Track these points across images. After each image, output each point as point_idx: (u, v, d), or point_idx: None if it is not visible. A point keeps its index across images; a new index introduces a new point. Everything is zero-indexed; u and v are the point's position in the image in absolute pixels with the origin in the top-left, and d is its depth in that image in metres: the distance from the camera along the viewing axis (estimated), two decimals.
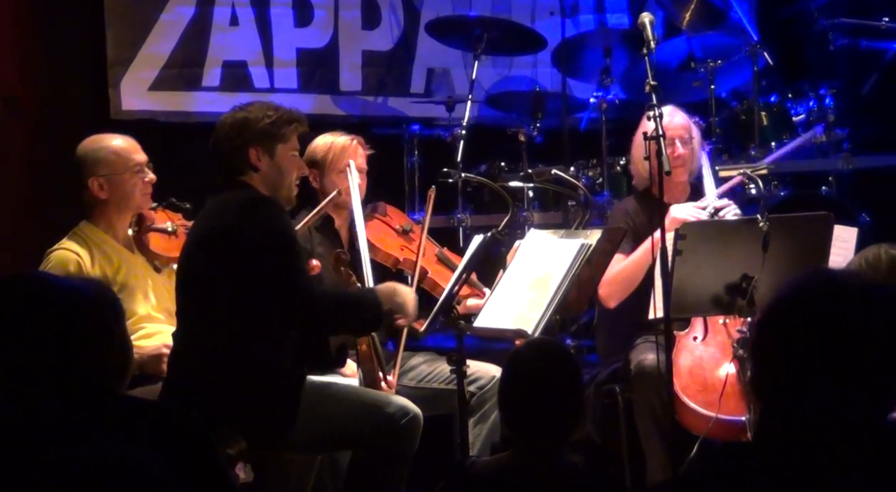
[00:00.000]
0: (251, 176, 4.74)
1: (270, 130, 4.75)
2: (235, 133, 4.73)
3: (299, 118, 4.87)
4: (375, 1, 8.48)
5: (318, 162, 5.79)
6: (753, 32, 7.69)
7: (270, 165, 4.75)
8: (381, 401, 5.07)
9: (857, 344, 2.46)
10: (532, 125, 7.72)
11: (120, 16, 7.70)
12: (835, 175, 7.71)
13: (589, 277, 5.17)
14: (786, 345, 2.51)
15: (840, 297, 2.51)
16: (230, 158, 4.74)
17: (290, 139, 4.82)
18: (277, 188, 4.78)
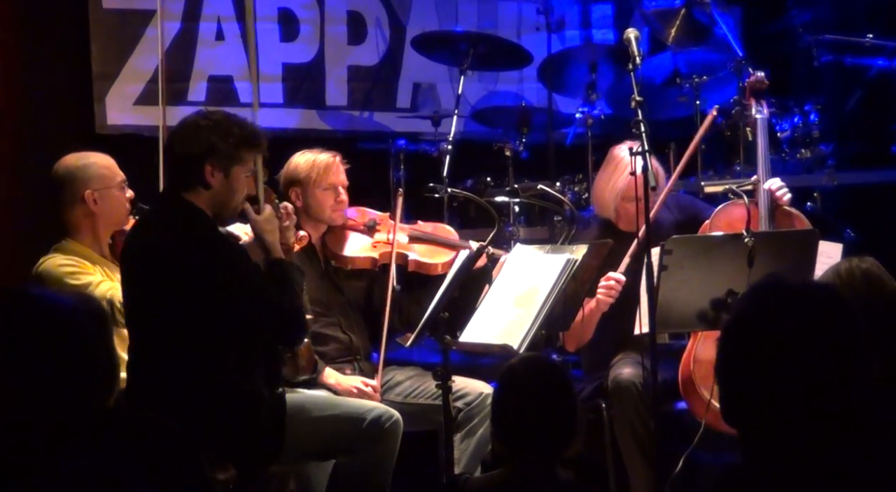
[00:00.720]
0: (198, 191, 4.60)
1: (231, 151, 4.60)
2: (194, 142, 4.59)
3: (262, 143, 4.71)
4: (361, 16, 8.49)
5: (302, 180, 5.76)
6: (738, 48, 7.70)
7: (223, 183, 4.60)
8: (363, 408, 5.13)
9: (818, 356, 2.47)
10: (518, 140, 7.72)
11: (105, 30, 7.70)
12: (819, 191, 7.72)
13: (575, 292, 5.17)
14: (748, 368, 2.52)
15: (793, 309, 2.51)
16: (183, 168, 4.61)
17: (248, 162, 4.67)
18: (223, 206, 4.65)
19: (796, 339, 2.48)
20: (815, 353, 2.48)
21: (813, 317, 2.51)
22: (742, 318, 2.56)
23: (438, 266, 5.81)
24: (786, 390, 2.47)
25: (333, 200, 5.75)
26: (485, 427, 5.53)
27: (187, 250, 4.51)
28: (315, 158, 5.80)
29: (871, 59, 7.89)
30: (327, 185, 5.75)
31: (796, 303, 2.53)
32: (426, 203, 7.20)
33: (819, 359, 2.48)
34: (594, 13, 9.14)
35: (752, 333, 2.53)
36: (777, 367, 2.48)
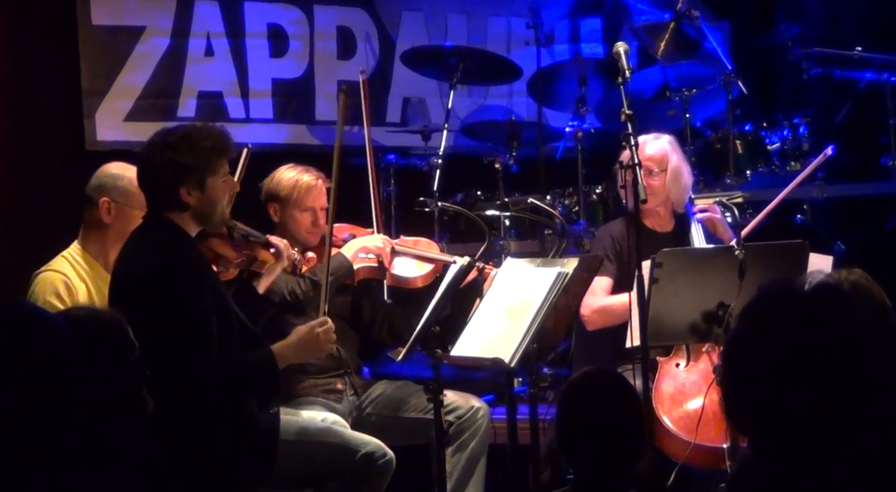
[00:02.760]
0: (177, 212, 4.55)
1: (199, 165, 4.53)
2: (164, 170, 4.53)
3: (227, 145, 4.64)
4: (351, 31, 8.50)
5: (282, 198, 5.74)
6: (727, 62, 7.73)
7: (201, 198, 4.55)
8: (358, 441, 5.13)
9: (823, 356, 2.47)
10: (508, 154, 7.73)
11: (95, 47, 7.69)
12: (809, 203, 7.75)
13: (566, 305, 5.17)
14: (754, 370, 2.52)
15: (800, 310, 2.52)
16: (158, 194, 4.57)
17: (221, 169, 4.60)
18: (209, 217, 4.62)
19: (805, 346, 2.49)
20: (824, 359, 2.48)
21: (821, 323, 2.51)
22: (750, 325, 2.56)
23: (418, 280, 5.79)
24: (794, 396, 2.48)
25: (311, 222, 5.72)
26: (476, 441, 5.53)
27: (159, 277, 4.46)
28: (299, 178, 5.76)
29: (859, 73, 7.92)
30: (306, 207, 5.73)
31: (806, 309, 2.53)
32: (416, 217, 7.20)
33: (828, 365, 2.48)
34: (583, 27, 9.16)
35: (759, 341, 2.53)
36: (786, 374, 2.49)
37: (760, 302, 2.59)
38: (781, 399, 2.50)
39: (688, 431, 5.32)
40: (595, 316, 5.83)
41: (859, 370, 2.50)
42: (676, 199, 5.99)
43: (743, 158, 7.72)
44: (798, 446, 2.49)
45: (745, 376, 2.55)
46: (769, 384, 2.51)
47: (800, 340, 2.50)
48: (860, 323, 2.54)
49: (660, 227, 6.02)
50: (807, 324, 2.51)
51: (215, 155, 4.58)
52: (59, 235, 5.49)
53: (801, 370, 2.49)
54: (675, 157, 6.01)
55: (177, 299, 4.44)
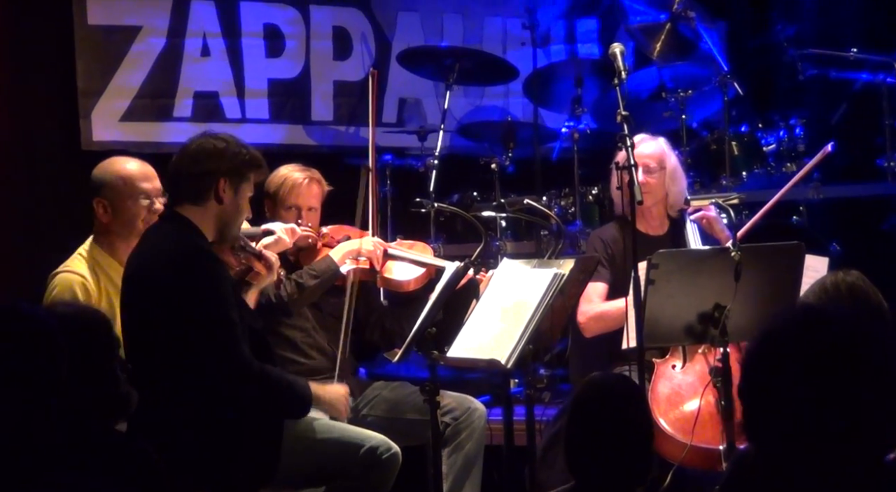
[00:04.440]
0: (206, 208, 4.59)
1: (242, 167, 4.65)
2: (209, 159, 4.61)
3: (263, 164, 4.79)
4: (347, 31, 8.50)
5: (271, 195, 5.75)
6: (723, 63, 7.73)
7: (232, 201, 4.62)
8: (363, 436, 5.15)
9: (844, 377, 2.47)
10: (504, 155, 7.73)
11: (91, 46, 7.69)
12: (805, 204, 7.75)
13: (562, 306, 5.16)
14: (772, 385, 2.51)
15: (821, 329, 2.51)
16: (196, 181, 4.60)
17: (252, 183, 4.73)
18: (228, 225, 4.66)
19: (830, 362, 2.49)
20: (845, 377, 2.49)
21: (849, 341, 2.51)
22: (775, 338, 2.56)
23: (409, 283, 5.79)
24: (812, 411, 2.48)
25: (294, 220, 5.72)
26: (473, 442, 5.53)
27: (179, 271, 4.49)
28: (287, 175, 5.77)
29: (855, 73, 7.93)
30: (290, 204, 5.73)
31: (833, 327, 2.53)
32: (413, 218, 7.20)
33: (849, 383, 2.48)
34: (579, 28, 9.16)
35: (784, 355, 2.53)
36: (807, 388, 2.48)
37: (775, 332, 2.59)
38: (796, 410, 2.50)
39: (684, 432, 5.32)
40: (592, 323, 5.83)
41: (884, 396, 2.50)
42: (673, 200, 5.99)
43: (739, 159, 7.73)
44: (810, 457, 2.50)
45: (766, 379, 2.55)
46: (790, 398, 2.50)
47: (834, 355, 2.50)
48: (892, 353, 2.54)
49: (653, 230, 6.02)
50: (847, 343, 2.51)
51: (252, 167, 4.69)
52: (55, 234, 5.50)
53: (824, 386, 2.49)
54: (672, 157, 6.03)
55: (207, 287, 4.48)
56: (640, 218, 5.94)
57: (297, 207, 5.73)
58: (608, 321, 5.74)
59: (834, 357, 2.48)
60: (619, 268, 5.76)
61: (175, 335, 4.44)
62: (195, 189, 4.62)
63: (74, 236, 5.34)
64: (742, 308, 5.00)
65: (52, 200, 7.42)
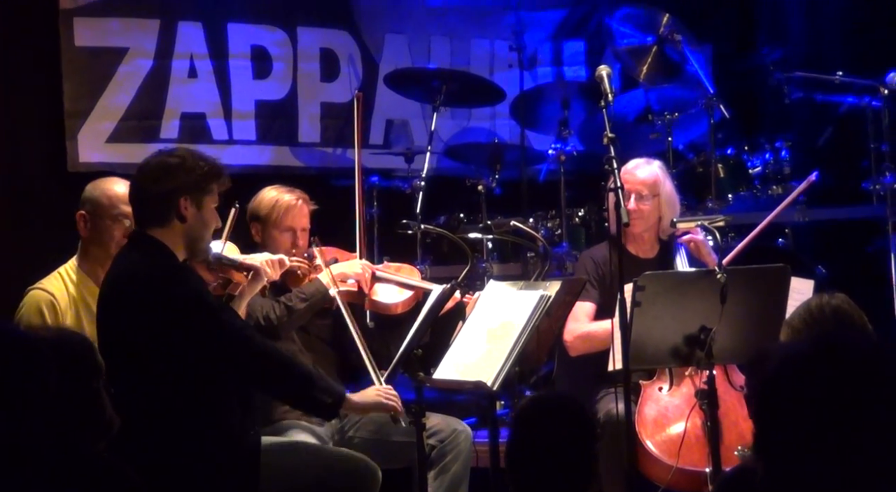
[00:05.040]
0: (171, 228, 4.57)
1: (201, 181, 4.61)
2: (167, 177, 4.57)
3: (224, 173, 4.73)
4: (334, 53, 8.51)
5: (262, 218, 5.75)
6: (710, 85, 7.75)
7: (196, 216, 4.59)
8: (344, 457, 5.11)
9: (864, 408, 2.48)
10: (491, 177, 7.74)
11: (78, 67, 7.68)
12: (791, 227, 7.77)
13: (548, 328, 5.17)
14: (792, 409, 2.52)
15: (846, 360, 2.52)
16: (157, 202, 4.57)
17: (215, 193, 4.68)
18: (197, 241, 4.64)
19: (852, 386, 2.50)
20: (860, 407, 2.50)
21: (871, 366, 2.52)
22: (797, 365, 2.57)
23: (397, 306, 5.79)
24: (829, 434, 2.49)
25: (290, 242, 5.73)
26: (459, 464, 5.52)
27: (157, 283, 4.49)
28: (279, 197, 5.77)
29: (841, 96, 7.94)
30: (285, 227, 5.74)
31: (853, 352, 2.54)
32: (399, 240, 7.20)
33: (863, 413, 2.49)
34: (566, 50, 9.18)
35: (797, 387, 2.54)
36: (829, 412, 2.50)
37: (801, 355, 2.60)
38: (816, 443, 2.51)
39: (670, 454, 5.32)
40: (578, 342, 5.83)
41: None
42: (665, 225, 6.00)
43: (725, 181, 7.74)
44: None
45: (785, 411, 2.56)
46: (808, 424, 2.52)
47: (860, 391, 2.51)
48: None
49: (643, 253, 6.03)
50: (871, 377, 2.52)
51: (213, 178, 4.65)
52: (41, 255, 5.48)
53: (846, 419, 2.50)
54: (667, 183, 6.03)
55: (185, 296, 4.49)
56: (631, 240, 5.96)
57: (292, 229, 5.74)
58: (594, 341, 5.74)
59: (856, 380, 2.49)
60: (609, 288, 5.76)
61: (157, 352, 4.43)
62: (157, 210, 4.59)
63: (60, 258, 5.34)
64: (728, 330, 5.00)
65: (38, 221, 7.40)
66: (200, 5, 8.12)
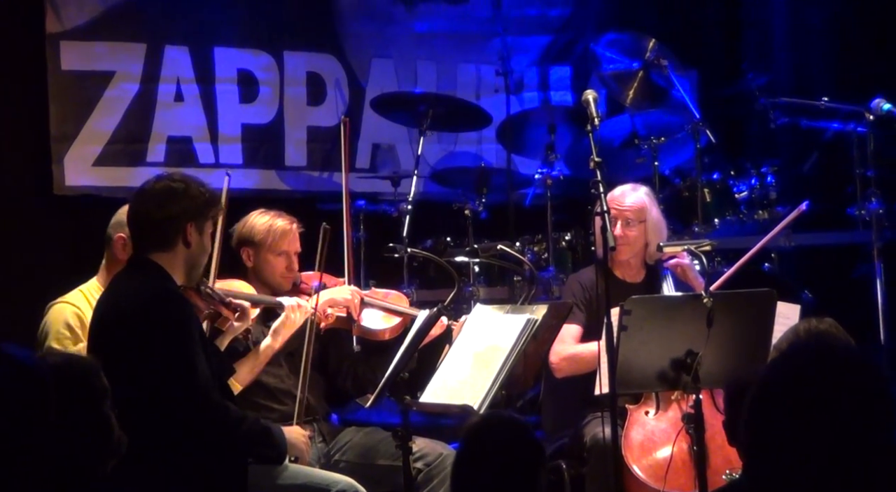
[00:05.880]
0: (174, 253, 4.59)
1: (204, 208, 4.65)
2: (173, 203, 4.59)
3: (218, 199, 4.79)
4: (320, 77, 8.52)
5: (256, 242, 5.74)
6: (695, 110, 7.78)
7: (198, 242, 4.63)
8: (329, 480, 5.12)
9: (853, 413, 2.49)
10: (477, 201, 7.75)
11: (64, 91, 7.68)
12: (777, 252, 7.79)
13: (535, 352, 5.17)
14: (783, 413, 2.53)
15: (838, 366, 2.53)
16: (162, 226, 4.58)
17: (214, 219, 4.75)
18: (195, 266, 4.67)
19: (834, 401, 2.51)
20: (850, 415, 2.51)
21: (852, 380, 2.53)
22: (781, 376, 2.58)
23: (385, 332, 5.78)
24: (816, 446, 2.50)
25: (285, 266, 5.74)
26: (445, 488, 5.50)
27: (147, 313, 4.49)
28: (273, 222, 5.77)
29: (826, 122, 7.97)
30: (281, 251, 5.74)
31: (837, 365, 2.55)
32: (386, 264, 7.19)
33: (853, 421, 2.50)
34: (552, 75, 9.21)
35: (789, 392, 2.55)
36: (811, 425, 2.51)
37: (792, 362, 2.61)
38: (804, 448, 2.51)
39: (656, 479, 5.32)
40: (564, 364, 5.83)
41: (882, 438, 2.52)
42: (652, 250, 6.00)
43: (711, 206, 7.76)
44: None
45: (772, 415, 2.56)
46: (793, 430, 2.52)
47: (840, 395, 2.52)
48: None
49: (630, 277, 6.04)
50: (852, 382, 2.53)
51: (212, 205, 4.70)
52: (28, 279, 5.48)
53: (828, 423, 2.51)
54: (654, 210, 6.03)
55: (171, 333, 4.47)
56: (618, 265, 5.97)
57: (286, 253, 5.74)
58: (580, 363, 5.74)
59: (844, 390, 2.50)
60: (596, 312, 5.77)
61: (141, 379, 4.42)
62: (162, 235, 4.60)
63: (47, 280, 5.34)
64: (714, 355, 5.00)
65: (25, 245, 7.39)
66: (187, 30, 8.13)
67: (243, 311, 5.18)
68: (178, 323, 4.52)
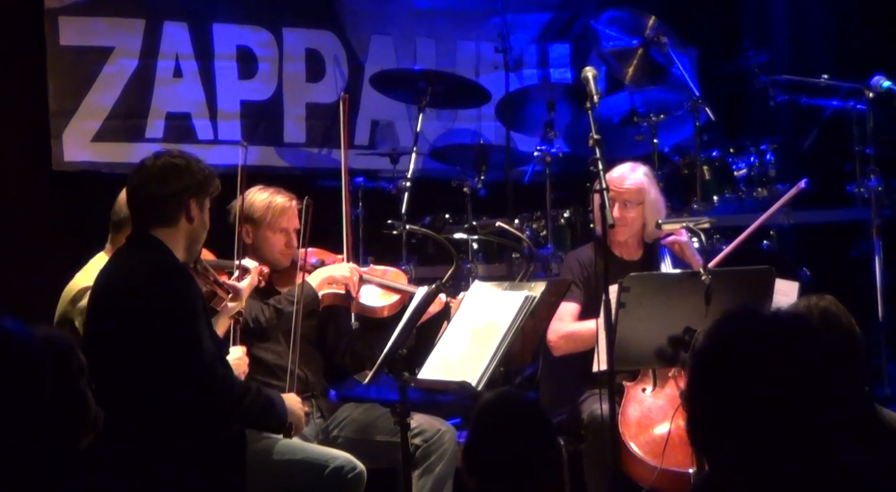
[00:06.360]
0: (177, 229, 4.58)
1: (205, 184, 4.65)
2: (176, 179, 4.58)
3: (216, 177, 4.77)
4: (319, 54, 8.51)
5: (256, 219, 5.73)
6: (695, 88, 7.76)
7: (199, 218, 4.63)
8: (326, 456, 5.12)
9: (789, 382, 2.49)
10: (476, 178, 7.75)
11: (63, 67, 7.67)
12: (776, 229, 7.78)
13: (533, 329, 5.17)
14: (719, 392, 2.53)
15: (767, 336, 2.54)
16: (165, 203, 4.57)
17: (213, 196, 4.73)
18: (195, 243, 4.67)
19: (767, 365, 2.51)
20: (785, 379, 2.51)
21: (784, 344, 2.53)
22: (714, 345, 2.58)
23: (384, 309, 5.79)
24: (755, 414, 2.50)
25: (284, 243, 5.73)
26: (443, 464, 5.52)
27: (153, 288, 4.49)
28: (272, 199, 5.77)
29: (825, 100, 7.96)
30: (280, 228, 5.73)
31: (769, 331, 2.55)
32: (384, 240, 7.19)
33: (788, 384, 2.50)
34: (552, 53, 9.20)
35: (723, 359, 2.55)
36: (747, 393, 2.51)
37: (727, 325, 2.61)
38: (742, 422, 2.51)
39: (654, 456, 5.32)
40: (561, 342, 5.83)
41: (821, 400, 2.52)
42: (651, 229, 6.00)
43: (710, 183, 7.75)
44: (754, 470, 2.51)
45: (707, 397, 2.57)
46: (731, 406, 2.52)
47: (765, 365, 2.52)
48: (825, 354, 2.56)
49: (628, 255, 6.03)
50: (774, 350, 2.53)
51: (211, 181, 4.69)
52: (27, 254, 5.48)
53: (762, 395, 2.50)
54: (652, 190, 6.01)
55: (178, 306, 4.47)
56: (616, 243, 5.96)
57: (286, 229, 5.74)
58: (578, 341, 5.75)
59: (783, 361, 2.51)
60: (594, 290, 5.77)
61: (144, 353, 4.42)
62: (165, 211, 4.59)
63: (45, 256, 5.34)
64: None
65: (23, 220, 7.39)
66: (186, 6, 8.12)
67: (237, 291, 5.17)
68: (185, 296, 4.52)
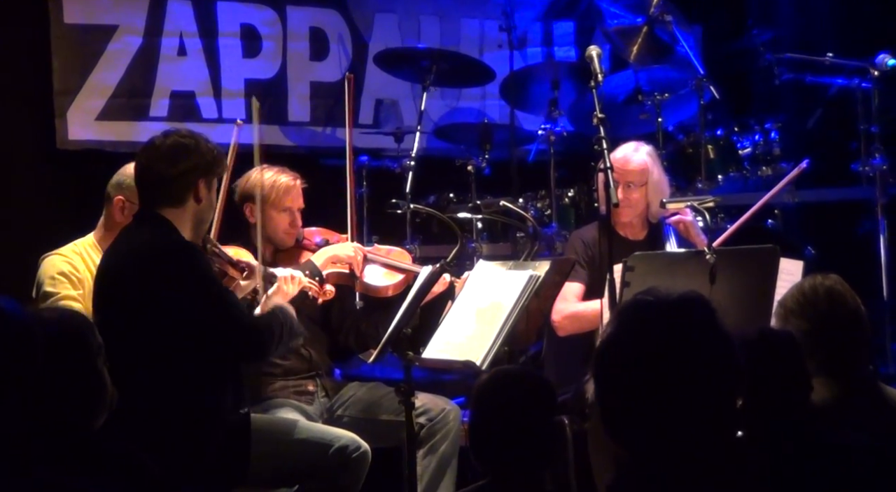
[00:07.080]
0: (184, 208, 4.60)
1: (213, 164, 4.67)
2: (185, 159, 4.59)
3: (224, 158, 4.85)
4: (323, 33, 8.49)
5: (259, 198, 5.73)
6: (700, 66, 7.75)
7: (207, 198, 4.66)
8: (331, 435, 5.14)
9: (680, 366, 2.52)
10: (480, 157, 7.74)
11: (67, 45, 7.66)
12: (780, 208, 7.77)
13: (537, 308, 5.17)
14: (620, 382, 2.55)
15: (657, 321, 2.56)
16: (174, 183, 4.59)
17: (220, 176, 4.80)
18: (203, 223, 4.71)
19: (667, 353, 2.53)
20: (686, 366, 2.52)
21: (682, 330, 2.55)
22: (614, 337, 2.61)
23: (388, 289, 5.79)
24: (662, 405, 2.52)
25: (288, 223, 5.74)
26: (447, 443, 5.53)
27: (168, 260, 4.52)
28: (276, 178, 5.77)
29: (830, 78, 7.94)
30: (284, 207, 5.74)
31: (666, 318, 2.57)
32: (388, 219, 7.19)
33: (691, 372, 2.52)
34: (556, 31, 9.17)
35: (623, 351, 2.57)
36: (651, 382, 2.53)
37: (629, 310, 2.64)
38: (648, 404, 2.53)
39: None
40: (566, 322, 5.84)
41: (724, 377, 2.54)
42: (655, 209, 5.99)
43: (715, 162, 7.74)
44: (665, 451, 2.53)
45: (614, 381, 2.59)
46: (636, 389, 2.54)
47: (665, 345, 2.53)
48: (725, 332, 2.58)
49: (632, 235, 6.04)
50: (673, 330, 2.54)
51: (220, 162, 4.74)
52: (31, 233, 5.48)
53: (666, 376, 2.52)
54: (655, 170, 6.01)
55: (202, 276, 4.55)
56: (620, 223, 5.95)
57: (290, 209, 5.74)
58: (582, 321, 5.75)
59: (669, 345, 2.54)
60: (598, 269, 5.76)
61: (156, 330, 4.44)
62: (173, 191, 4.61)
63: (49, 234, 5.34)
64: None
65: (27, 198, 7.40)
66: None
67: (251, 269, 5.17)
68: (205, 267, 4.60)
